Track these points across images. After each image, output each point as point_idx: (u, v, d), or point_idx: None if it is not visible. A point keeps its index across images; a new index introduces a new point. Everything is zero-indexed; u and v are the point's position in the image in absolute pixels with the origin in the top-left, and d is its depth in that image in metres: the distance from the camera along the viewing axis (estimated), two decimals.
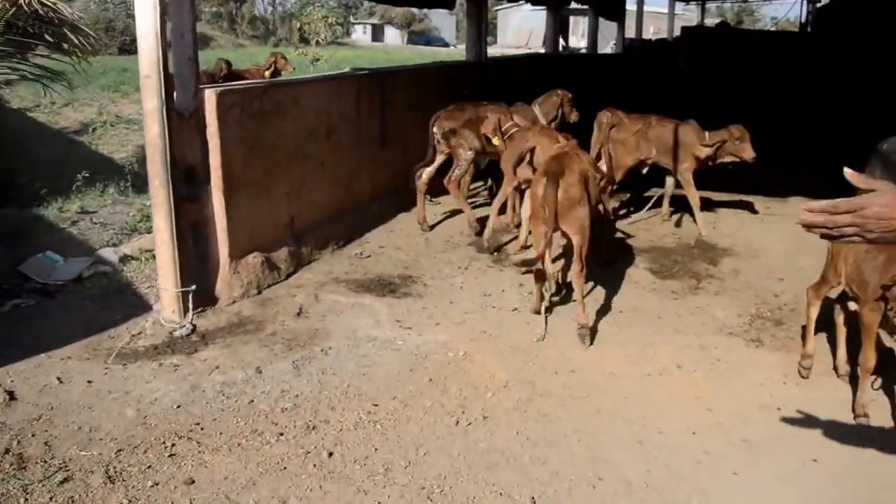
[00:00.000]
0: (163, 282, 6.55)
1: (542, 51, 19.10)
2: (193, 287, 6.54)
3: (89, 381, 5.44)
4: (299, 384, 5.48)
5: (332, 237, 8.34)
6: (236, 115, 6.91)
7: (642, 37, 26.24)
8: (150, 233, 7.39)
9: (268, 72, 12.47)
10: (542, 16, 16.90)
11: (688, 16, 36.90)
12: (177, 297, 6.49)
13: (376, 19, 70.76)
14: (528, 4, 19.34)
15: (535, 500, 4.24)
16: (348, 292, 7.11)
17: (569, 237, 6.29)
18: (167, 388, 5.37)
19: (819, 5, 25.62)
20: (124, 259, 7.77)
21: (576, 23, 44.45)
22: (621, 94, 14.45)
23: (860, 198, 2.06)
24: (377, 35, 67.83)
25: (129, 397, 5.25)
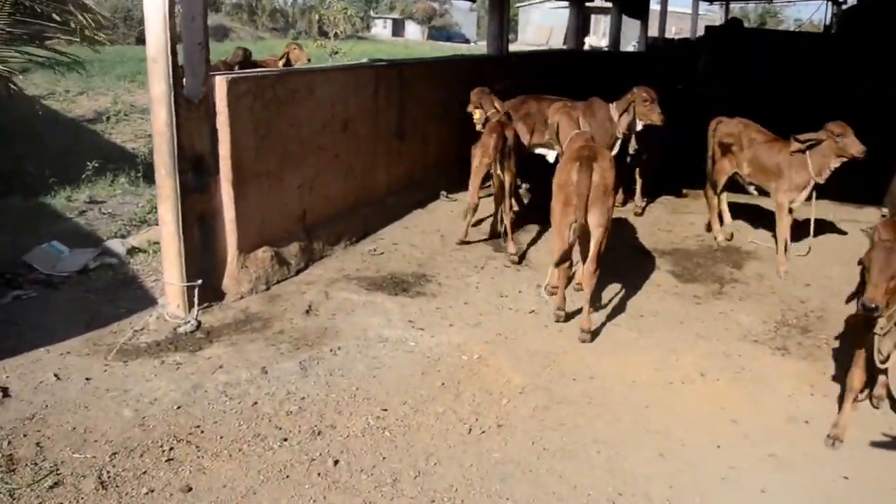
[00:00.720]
0: (168, 276, 6.33)
1: (563, 48, 18.82)
2: (199, 281, 6.32)
3: (87, 379, 5.23)
4: (306, 386, 5.26)
5: (345, 232, 8.10)
6: (248, 103, 6.68)
7: (665, 36, 25.84)
8: (158, 224, 7.19)
9: (281, 62, 12.21)
10: (562, 14, 16.68)
11: (710, 16, 36.47)
12: (182, 292, 6.27)
13: (397, 14, 70.58)
14: (550, 1, 19.04)
15: None
16: (360, 290, 6.88)
17: (589, 231, 6.00)
18: (168, 387, 5.16)
19: (844, 7, 25.19)
20: (132, 251, 7.55)
21: (597, 21, 44.00)
22: None
23: None
24: (397, 30, 67.58)
25: (127, 396, 5.04)
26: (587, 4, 17.93)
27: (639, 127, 8.40)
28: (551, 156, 8.69)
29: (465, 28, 70.53)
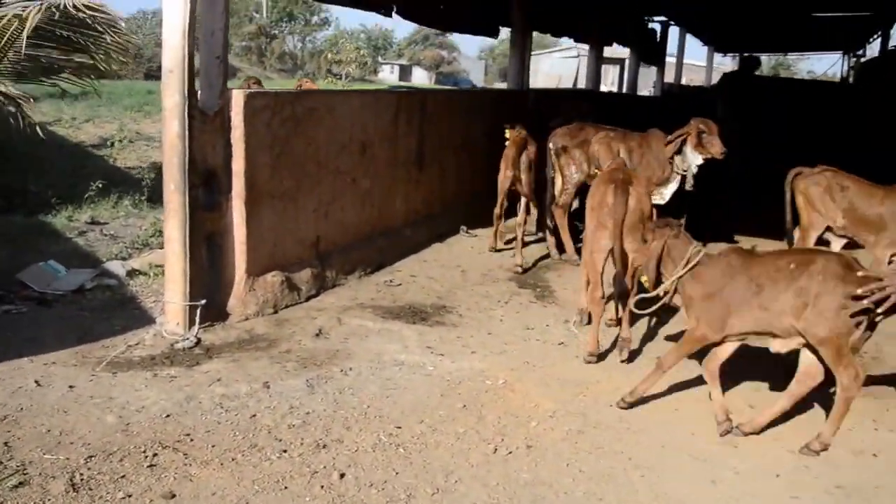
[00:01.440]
0: (169, 294, 5.86)
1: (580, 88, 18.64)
2: (203, 301, 5.85)
3: (71, 386, 4.73)
4: (311, 402, 4.73)
5: (361, 262, 7.63)
6: (265, 119, 6.30)
7: (681, 83, 25.62)
8: (162, 248, 6.72)
9: None
10: (570, 63, 16.52)
11: (723, 68, 36.44)
12: (183, 311, 5.80)
13: (404, 60, 71.30)
14: (561, 51, 18.96)
15: None
16: (375, 317, 6.38)
17: (625, 256, 5.55)
18: (158, 396, 4.65)
19: (863, 60, 24.97)
20: (132, 273, 7.06)
21: (605, 70, 44.25)
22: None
23: None
24: (404, 75, 67.44)
25: (112, 403, 4.53)
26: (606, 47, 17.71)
27: (699, 161, 7.75)
28: None
29: (473, 74, 71.20)
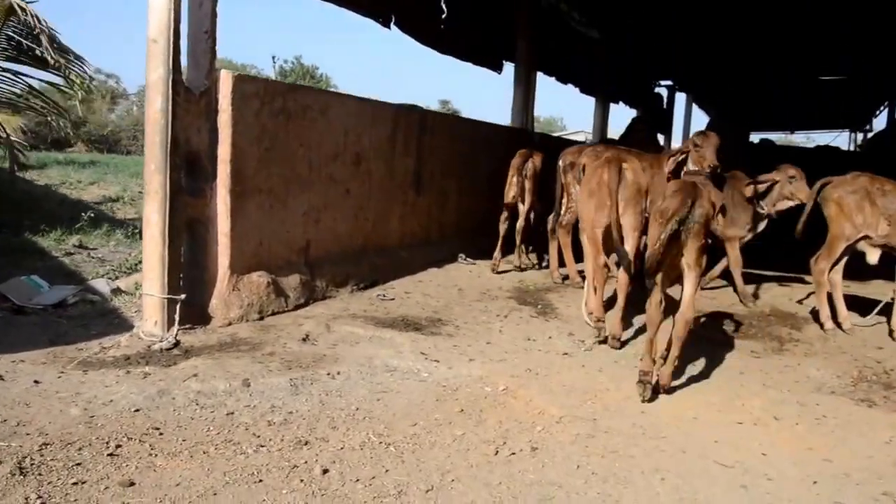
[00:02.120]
0: (147, 286, 5.45)
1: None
2: (183, 296, 5.44)
3: (36, 382, 4.33)
4: (295, 402, 4.30)
5: (353, 276, 7.23)
6: (255, 108, 5.96)
7: None
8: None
9: None
10: None
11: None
12: (162, 306, 5.39)
13: None
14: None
15: None
16: (366, 325, 5.95)
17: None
18: (128, 391, 4.22)
19: (871, 134, 24.95)
20: (116, 291, 6.64)
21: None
22: None
23: None
24: None
25: (78, 398, 4.12)
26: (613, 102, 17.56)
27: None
28: None
29: None
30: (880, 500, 3.54)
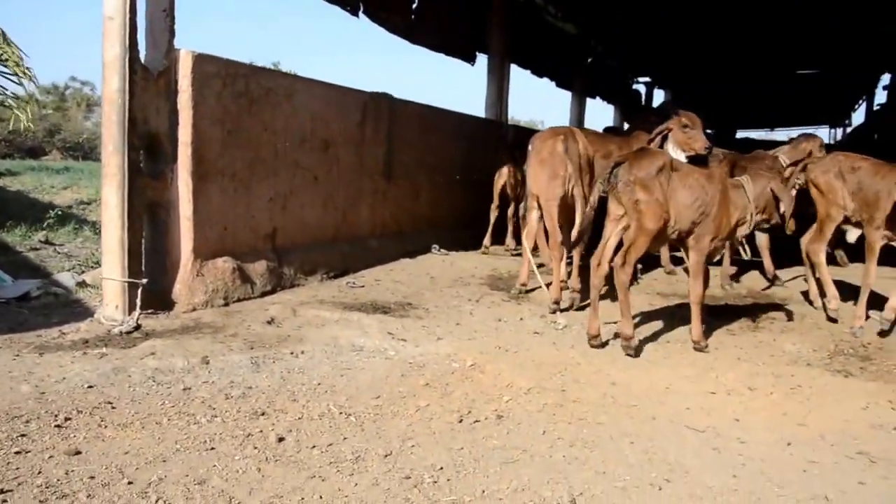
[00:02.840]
0: (107, 269, 5.30)
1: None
2: (144, 281, 5.30)
3: None
4: (255, 379, 4.17)
5: (322, 264, 7.09)
6: (216, 90, 5.83)
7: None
8: None
9: None
10: None
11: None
12: (122, 291, 5.24)
13: None
14: None
15: (575, 499, 2.87)
16: (333, 309, 5.82)
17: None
18: (83, 369, 4.09)
19: (850, 129, 25.04)
20: (82, 284, 6.46)
21: None
22: None
23: None
24: None
25: (31, 377, 3.98)
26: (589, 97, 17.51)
27: (682, 158, 6.89)
28: None
29: None
30: (855, 458, 3.44)
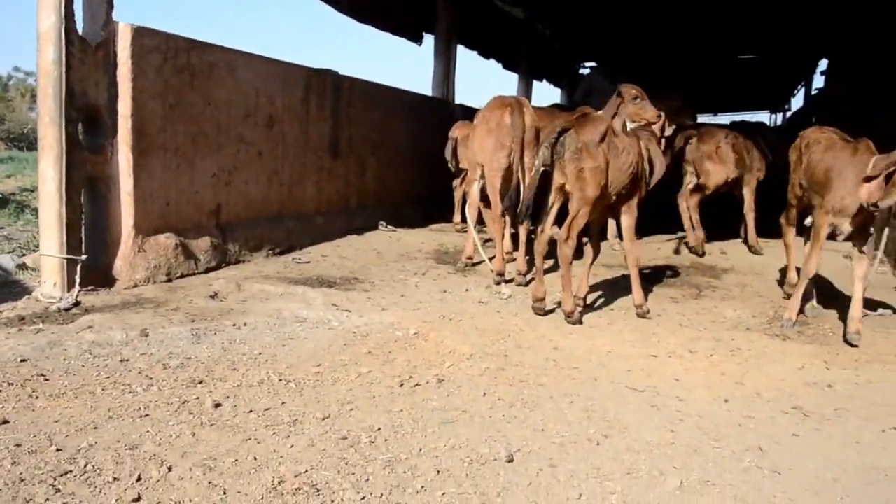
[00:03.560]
0: (45, 246, 5.18)
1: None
2: (84, 257, 5.19)
3: None
4: (195, 350, 4.11)
5: (268, 241, 7.01)
6: (157, 63, 5.71)
7: None
8: None
9: None
10: None
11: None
12: (61, 267, 5.12)
13: None
14: None
15: (513, 455, 2.87)
16: (278, 284, 5.76)
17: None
18: (16, 344, 3.99)
19: (790, 113, 25.39)
20: (22, 267, 6.32)
21: None
22: None
23: None
24: None
25: None
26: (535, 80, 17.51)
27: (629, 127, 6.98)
28: None
29: None
30: (790, 412, 3.50)
